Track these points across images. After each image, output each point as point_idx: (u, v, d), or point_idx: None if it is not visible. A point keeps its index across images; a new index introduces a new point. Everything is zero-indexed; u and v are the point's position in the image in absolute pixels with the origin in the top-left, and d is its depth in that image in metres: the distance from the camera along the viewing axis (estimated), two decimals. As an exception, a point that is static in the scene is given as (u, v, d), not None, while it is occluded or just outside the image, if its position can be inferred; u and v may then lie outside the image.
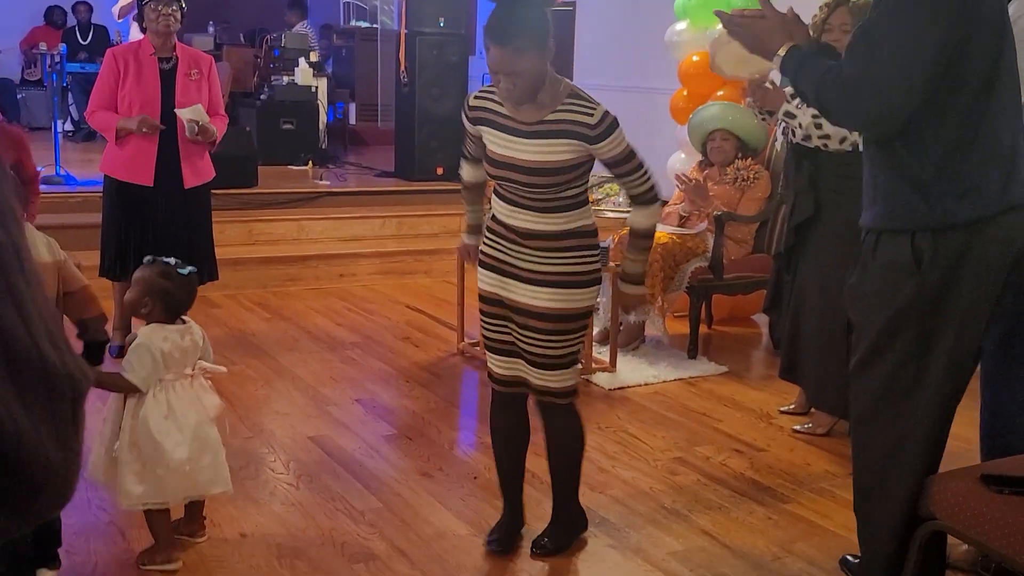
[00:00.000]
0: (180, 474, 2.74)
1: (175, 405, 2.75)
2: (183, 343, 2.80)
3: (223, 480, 2.87)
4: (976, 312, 2.29)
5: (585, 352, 4.66)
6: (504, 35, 2.55)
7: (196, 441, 2.77)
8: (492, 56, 2.57)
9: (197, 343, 2.86)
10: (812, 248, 3.75)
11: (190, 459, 2.74)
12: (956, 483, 2.26)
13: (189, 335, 2.83)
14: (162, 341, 2.75)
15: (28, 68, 10.71)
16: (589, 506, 3.32)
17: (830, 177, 3.67)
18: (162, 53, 4.45)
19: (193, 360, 2.84)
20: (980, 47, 2.19)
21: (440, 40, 7.77)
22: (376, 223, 7.05)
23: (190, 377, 2.83)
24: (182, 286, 2.81)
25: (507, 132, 2.72)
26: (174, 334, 2.79)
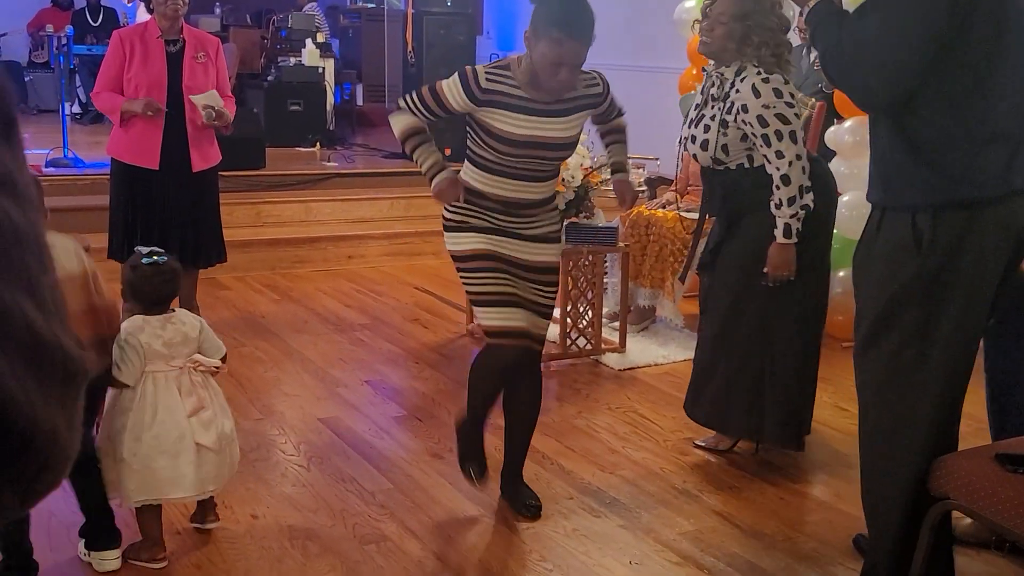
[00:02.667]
0: (132, 471, 2.63)
1: (148, 398, 2.65)
2: (165, 334, 2.68)
3: (186, 484, 2.68)
4: (978, 294, 2.28)
5: (595, 333, 4.66)
6: (585, 31, 2.73)
7: (154, 441, 2.63)
8: (567, 49, 2.71)
9: (187, 334, 2.73)
10: (720, 266, 3.44)
11: (142, 457, 2.62)
12: (970, 463, 2.25)
13: (172, 325, 2.71)
14: (140, 333, 2.65)
15: (35, 51, 10.70)
16: (600, 487, 3.32)
17: (745, 191, 3.30)
18: (169, 35, 4.42)
19: (184, 352, 2.71)
20: (980, 27, 2.17)
21: (447, 20, 7.73)
22: (384, 204, 7.03)
23: (179, 370, 2.70)
24: (144, 276, 2.69)
25: (529, 113, 2.82)
26: (153, 324, 2.68)
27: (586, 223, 4.62)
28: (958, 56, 2.19)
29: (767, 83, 3.19)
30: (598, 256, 4.65)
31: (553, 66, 2.73)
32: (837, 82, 2.39)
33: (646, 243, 4.92)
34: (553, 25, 2.71)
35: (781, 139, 3.17)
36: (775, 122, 3.17)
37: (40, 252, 0.66)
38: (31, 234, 0.66)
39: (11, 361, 0.60)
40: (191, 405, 2.69)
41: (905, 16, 2.16)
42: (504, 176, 2.88)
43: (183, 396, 2.69)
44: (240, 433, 3.64)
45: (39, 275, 0.65)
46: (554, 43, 2.70)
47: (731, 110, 3.23)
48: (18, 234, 0.64)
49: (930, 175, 2.25)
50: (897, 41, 2.17)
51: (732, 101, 3.23)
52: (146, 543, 2.76)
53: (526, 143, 2.83)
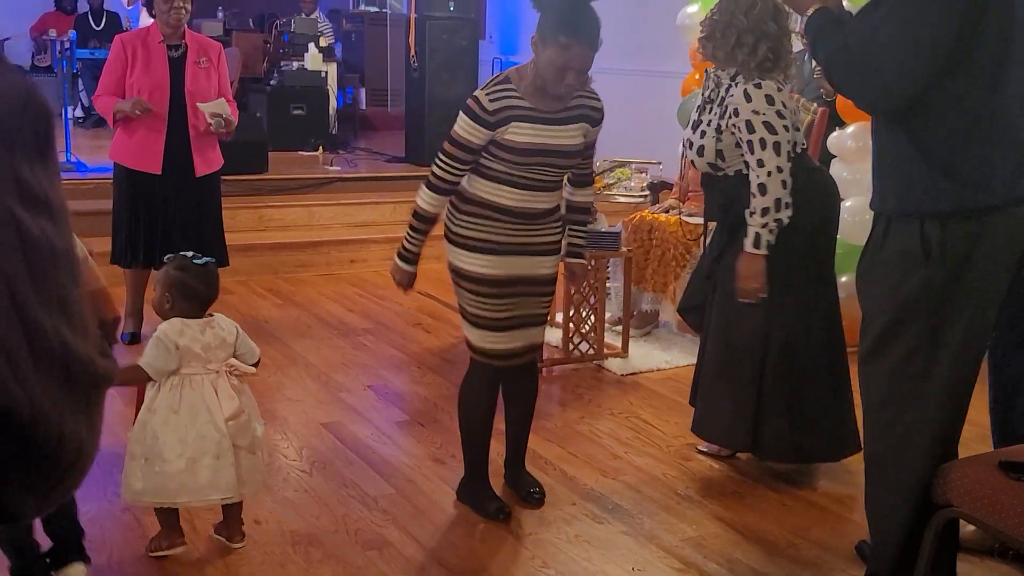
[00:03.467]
0: (178, 474, 2.66)
1: (187, 400, 2.68)
2: (204, 338, 2.72)
3: (224, 486, 2.71)
4: (985, 304, 2.27)
5: (597, 338, 4.66)
6: (592, 36, 2.79)
7: (198, 441, 2.67)
8: (576, 54, 2.75)
9: (225, 339, 2.76)
10: (723, 275, 3.37)
11: (187, 458, 2.66)
12: (974, 470, 2.24)
13: (212, 330, 2.75)
14: (178, 335, 2.69)
15: (38, 55, 10.71)
16: (602, 493, 3.32)
17: (742, 201, 3.23)
18: (171, 41, 4.43)
19: (220, 356, 2.75)
20: (990, 32, 2.17)
21: (450, 24, 7.74)
22: (387, 208, 7.03)
23: (215, 374, 2.73)
24: (198, 275, 2.76)
25: (538, 122, 2.86)
26: (193, 328, 2.72)
27: (589, 228, 4.61)
28: (968, 61, 2.18)
29: (759, 89, 3.16)
30: (601, 261, 4.64)
31: (560, 71, 2.78)
32: (842, 85, 2.35)
33: (649, 248, 4.91)
34: (560, 30, 2.75)
35: (764, 148, 3.13)
36: (761, 130, 3.13)
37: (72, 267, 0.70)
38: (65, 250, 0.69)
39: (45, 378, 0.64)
40: (230, 409, 2.71)
41: (918, 19, 2.16)
42: (513, 186, 2.91)
43: (220, 399, 2.71)
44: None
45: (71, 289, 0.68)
46: (562, 48, 2.75)
47: (725, 114, 3.22)
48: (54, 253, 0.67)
49: (939, 181, 2.24)
50: (911, 44, 2.16)
51: (727, 105, 3.22)
52: (164, 532, 2.81)
53: (535, 151, 2.86)
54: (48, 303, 0.66)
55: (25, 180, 0.67)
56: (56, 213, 0.69)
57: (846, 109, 4.82)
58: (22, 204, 0.66)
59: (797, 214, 3.18)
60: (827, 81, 2.43)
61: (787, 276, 3.23)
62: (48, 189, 0.69)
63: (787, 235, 3.18)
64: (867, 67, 2.22)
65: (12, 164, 0.67)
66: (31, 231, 0.66)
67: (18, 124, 0.69)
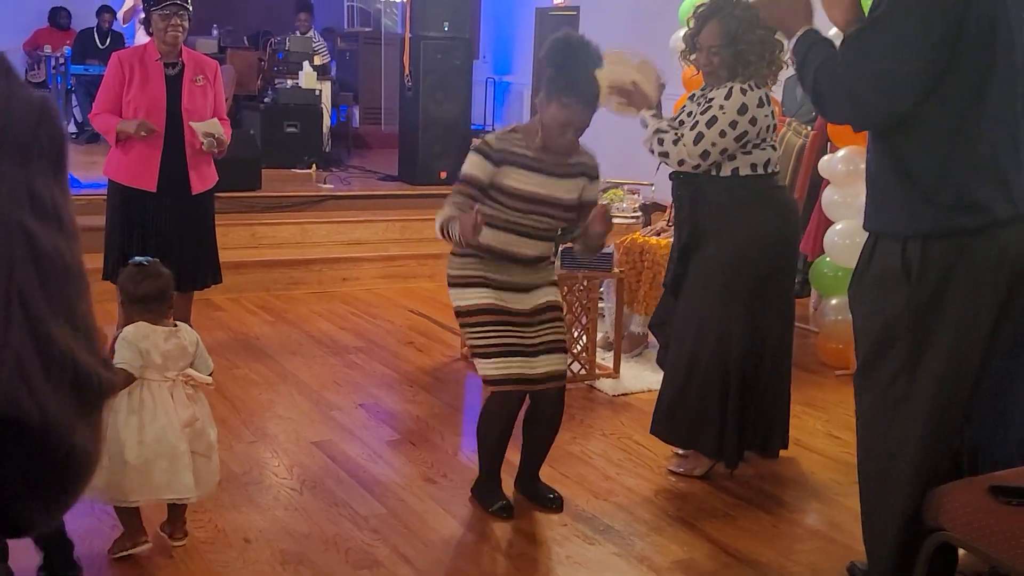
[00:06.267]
0: (135, 472, 2.73)
1: (146, 405, 2.75)
2: (165, 346, 2.79)
3: (180, 486, 2.79)
4: (969, 324, 2.28)
5: (589, 358, 4.66)
6: (591, 99, 3.06)
7: (155, 443, 2.74)
8: (575, 112, 3.03)
9: (185, 348, 2.84)
10: (689, 278, 3.48)
11: (145, 460, 2.73)
12: (964, 494, 2.25)
13: (175, 339, 2.82)
14: (142, 339, 2.76)
15: (31, 70, 10.71)
16: (594, 514, 3.32)
17: (709, 204, 3.38)
18: (168, 58, 4.44)
19: (178, 365, 2.83)
20: (971, 53, 2.19)
21: (444, 44, 7.77)
22: (379, 227, 7.05)
23: (171, 382, 2.80)
24: (126, 275, 2.84)
25: (540, 173, 3.12)
26: (157, 335, 2.79)
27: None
28: (951, 83, 2.21)
29: (743, 94, 3.27)
30: (593, 282, 4.66)
31: (562, 127, 3.06)
32: (828, 101, 2.34)
33: (640, 269, 4.93)
34: (564, 92, 3.02)
35: (710, 126, 3.27)
36: (722, 120, 3.26)
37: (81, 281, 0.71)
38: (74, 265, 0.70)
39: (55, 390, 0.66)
40: (185, 416, 2.80)
41: (902, 39, 2.18)
42: (508, 232, 3.12)
43: (177, 406, 2.80)
44: (233, 456, 3.65)
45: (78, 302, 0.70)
46: (564, 107, 3.03)
47: (705, 111, 3.31)
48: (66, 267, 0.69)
49: (920, 203, 2.26)
50: (894, 63, 2.19)
51: (709, 104, 3.32)
52: (128, 532, 2.87)
53: (533, 199, 3.10)
54: (58, 316, 0.67)
55: (39, 194, 0.68)
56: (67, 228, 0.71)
57: (837, 133, 4.86)
58: (35, 218, 0.67)
59: (759, 236, 3.35)
60: (811, 100, 2.43)
61: (743, 289, 3.37)
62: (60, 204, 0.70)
63: (746, 250, 3.34)
64: (854, 82, 2.24)
65: (26, 178, 0.68)
66: (44, 245, 0.67)
67: (33, 139, 0.69)
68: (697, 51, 3.37)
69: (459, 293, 3.19)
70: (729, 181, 3.34)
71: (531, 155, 3.11)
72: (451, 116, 7.76)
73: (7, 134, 0.68)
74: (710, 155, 3.28)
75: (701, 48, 3.34)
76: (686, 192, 3.45)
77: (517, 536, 3.15)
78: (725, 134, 3.26)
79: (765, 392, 3.48)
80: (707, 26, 3.31)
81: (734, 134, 3.27)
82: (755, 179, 3.35)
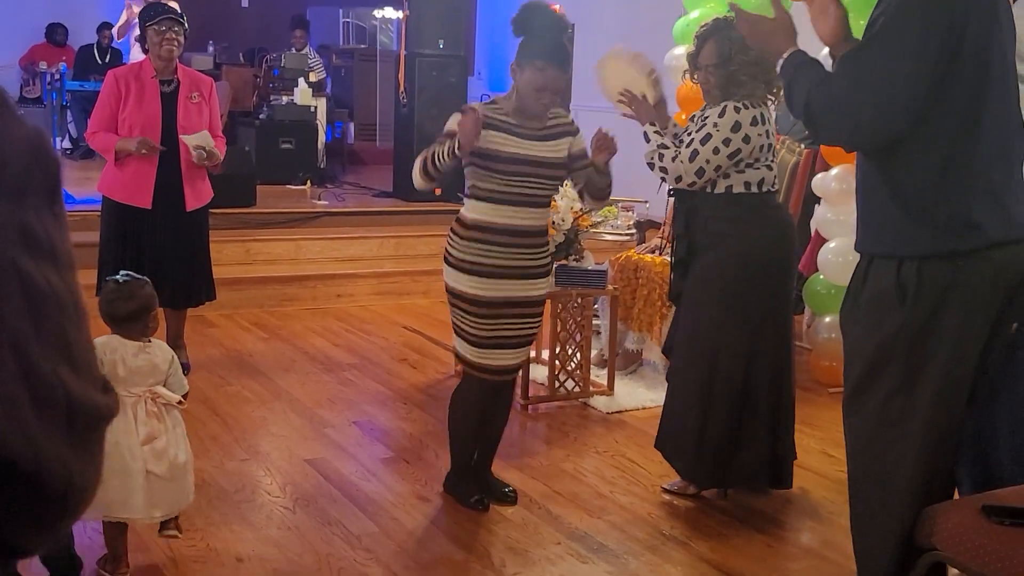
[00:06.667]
0: None
1: None
2: (134, 361, 2.75)
3: (133, 507, 2.72)
4: (964, 346, 2.28)
5: (583, 375, 4.66)
6: (564, 59, 3.19)
7: (107, 460, 2.70)
8: (549, 76, 3.13)
9: (156, 366, 2.79)
10: (684, 294, 3.54)
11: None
12: (957, 514, 2.25)
13: (145, 355, 2.77)
14: (109, 351, 2.72)
15: (27, 86, 10.72)
16: (587, 532, 3.31)
17: (704, 220, 3.43)
18: (164, 75, 4.45)
19: (148, 381, 2.77)
20: (965, 73, 2.20)
21: (440, 61, 7.80)
22: (374, 243, 7.05)
23: (136, 398, 2.74)
24: (105, 291, 2.83)
25: (522, 137, 3.20)
26: (126, 348, 2.75)
27: (576, 266, 4.64)
28: (943, 106, 2.21)
29: (737, 112, 3.31)
30: (587, 299, 4.66)
31: (538, 91, 3.15)
32: (820, 121, 2.33)
33: (635, 287, 4.93)
34: (537, 56, 3.13)
35: (705, 143, 3.31)
36: (716, 137, 3.30)
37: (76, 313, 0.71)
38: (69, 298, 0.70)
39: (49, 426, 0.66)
40: (144, 433, 2.73)
41: (896, 59, 2.19)
42: (506, 204, 3.18)
43: (137, 424, 2.73)
44: (225, 474, 3.63)
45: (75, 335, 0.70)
46: (538, 71, 3.13)
47: (700, 129, 3.36)
48: (59, 301, 0.69)
49: (915, 225, 2.26)
50: (887, 83, 2.19)
51: (704, 122, 3.37)
52: (110, 556, 2.86)
53: (518, 160, 3.17)
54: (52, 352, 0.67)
55: (32, 230, 0.68)
56: (62, 262, 0.71)
57: (830, 151, 4.88)
58: (28, 254, 0.67)
59: (752, 253, 3.38)
60: (803, 121, 2.43)
61: (742, 309, 3.39)
62: (55, 238, 0.70)
63: (737, 266, 3.37)
64: (851, 101, 2.24)
65: (19, 214, 0.68)
66: (36, 281, 0.67)
67: (27, 174, 0.70)
68: (697, 71, 3.46)
69: (456, 276, 3.25)
70: (723, 198, 3.38)
71: (512, 121, 3.21)
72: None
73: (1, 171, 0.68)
74: (705, 172, 3.33)
75: (700, 68, 3.43)
76: (683, 207, 3.51)
77: (510, 555, 3.14)
78: (719, 151, 3.30)
79: (760, 419, 3.44)
80: (705, 46, 3.41)
81: (727, 151, 3.30)
82: (749, 197, 3.38)
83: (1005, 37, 2.29)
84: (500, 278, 3.21)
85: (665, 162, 3.40)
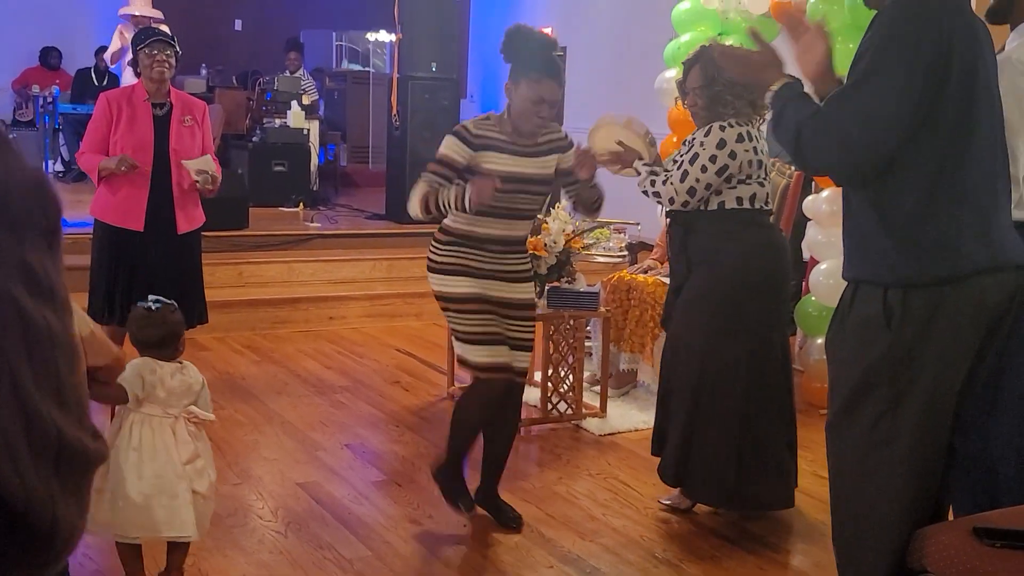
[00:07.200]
0: (135, 508, 2.71)
1: (146, 440, 2.73)
2: (171, 382, 2.78)
3: (180, 524, 2.74)
4: (949, 372, 2.29)
5: (576, 397, 4.66)
6: (558, 71, 3.24)
7: (155, 479, 2.72)
8: (545, 87, 3.18)
9: (191, 386, 2.83)
10: (676, 308, 3.58)
11: (145, 496, 2.70)
12: (948, 536, 2.25)
13: (180, 376, 2.82)
14: (149, 372, 2.75)
15: (19, 109, 10.74)
16: (580, 555, 3.30)
17: (698, 236, 3.48)
18: (156, 98, 4.46)
19: (183, 403, 2.81)
20: (952, 100, 2.22)
21: (432, 84, 7.83)
22: (366, 265, 7.05)
23: (174, 418, 2.78)
24: (133, 318, 2.85)
25: (515, 154, 3.27)
26: (164, 370, 2.78)
27: (568, 288, 4.65)
28: (931, 132, 2.23)
29: (722, 131, 3.39)
30: (579, 320, 4.67)
31: (535, 104, 3.20)
32: (811, 153, 2.32)
33: (627, 308, 4.94)
34: (532, 68, 3.18)
35: (693, 163, 3.37)
36: (703, 156, 3.36)
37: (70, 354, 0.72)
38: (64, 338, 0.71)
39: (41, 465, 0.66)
40: (187, 453, 2.77)
41: (885, 87, 2.21)
42: (491, 216, 3.24)
43: (178, 443, 2.77)
44: (218, 498, 3.61)
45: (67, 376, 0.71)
46: (533, 83, 3.18)
47: (688, 150, 3.44)
48: (54, 341, 0.70)
49: (901, 251, 2.27)
50: (876, 112, 2.21)
51: (691, 144, 3.45)
52: (128, 574, 2.82)
53: (514, 179, 3.22)
54: (46, 391, 0.68)
55: (32, 269, 0.69)
56: (59, 301, 0.72)
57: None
58: (28, 292, 0.68)
59: (745, 269, 3.42)
60: (792, 153, 2.42)
61: (733, 328, 3.42)
62: (53, 277, 0.71)
63: (730, 283, 3.42)
64: (841, 128, 2.25)
65: (21, 253, 0.69)
66: (35, 319, 0.68)
67: (29, 214, 0.71)
68: (686, 95, 3.56)
69: (442, 280, 3.32)
70: (716, 215, 3.44)
71: (505, 138, 3.26)
72: (439, 155, 7.80)
73: (4, 210, 0.69)
74: (696, 191, 3.39)
75: (688, 92, 3.53)
76: (679, 227, 3.55)
77: (503, 578, 3.12)
78: (706, 169, 3.36)
79: (751, 438, 3.45)
80: (691, 71, 3.51)
81: (715, 168, 3.37)
82: (741, 212, 3.44)
83: (988, 66, 2.31)
84: (483, 278, 3.29)
85: (657, 187, 3.46)
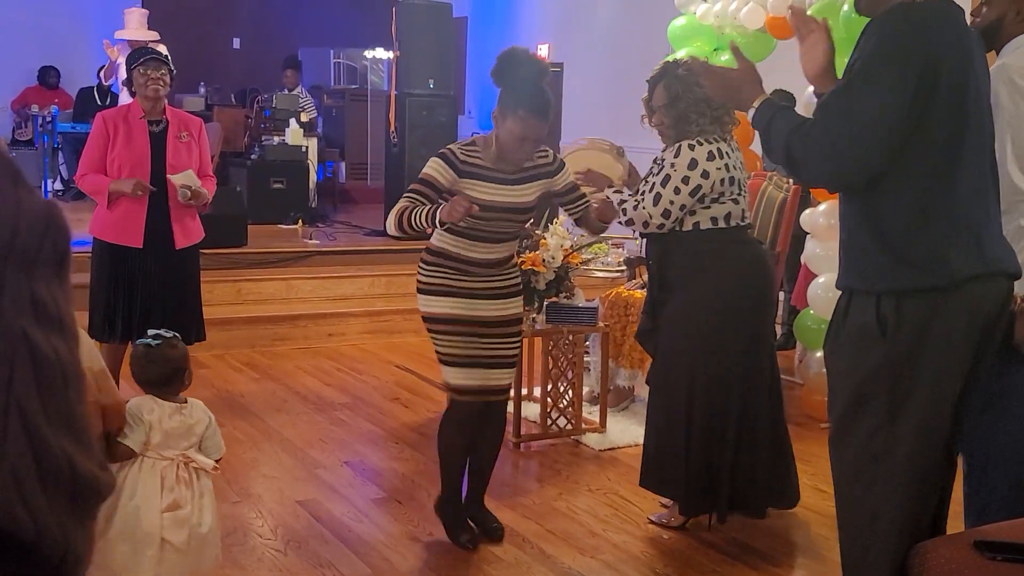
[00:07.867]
0: (96, 550, 2.56)
1: (129, 482, 2.57)
2: (169, 423, 2.62)
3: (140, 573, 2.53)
4: (944, 380, 2.29)
5: (575, 412, 4.65)
6: (547, 111, 3.21)
7: (121, 524, 2.53)
8: (531, 126, 3.15)
9: (191, 428, 2.66)
10: (661, 332, 3.58)
11: (105, 540, 2.50)
12: (949, 550, 2.24)
13: (179, 416, 2.64)
14: (147, 412, 2.60)
15: (19, 128, 10.76)
16: (581, 571, 3.29)
17: (675, 258, 3.48)
18: (152, 116, 4.47)
19: (182, 445, 2.64)
20: (943, 108, 2.23)
21: (430, 101, 7.86)
22: (365, 282, 7.05)
23: (168, 462, 2.60)
24: (134, 356, 2.70)
25: (497, 182, 3.25)
26: (162, 411, 2.62)
27: (566, 303, 4.65)
28: (923, 142, 2.24)
29: (691, 150, 3.36)
30: (578, 336, 4.67)
31: (519, 140, 3.18)
32: (800, 164, 2.34)
33: (626, 323, 4.94)
34: (519, 105, 3.15)
35: (665, 185, 3.36)
36: (674, 177, 3.34)
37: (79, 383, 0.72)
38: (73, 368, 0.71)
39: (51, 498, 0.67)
40: (168, 501, 2.58)
41: (874, 95, 2.22)
42: (472, 239, 3.26)
43: (164, 489, 2.59)
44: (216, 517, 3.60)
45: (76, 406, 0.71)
46: (519, 120, 3.15)
47: (659, 172, 3.43)
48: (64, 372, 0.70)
49: (894, 262, 2.28)
50: (865, 120, 2.22)
51: (662, 165, 3.43)
52: None
53: (495, 208, 3.23)
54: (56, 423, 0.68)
55: (41, 300, 0.69)
56: (68, 332, 0.72)
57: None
58: (37, 324, 0.68)
59: (730, 285, 3.41)
60: (784, 166, 2.44)
61: (717, 344, 3.42)
62: (62, 306, 0.72)
63: (715, 306, 3.40)
64: (833, 138, 2.26)
65: (30, 285, 0.69)
66: (44, 351, 0.68)
67: (39, 245, 0.71)
68: (652, 113, 3.53)
69: (427, 300, 3.33)
70: (691, 235, 3.43)
71: (490, 166, 3.25)
72: (436, 172, 7.82)
73: (15, 242, 0.70)
74: (671, 213, 3.37)
75: (654, 111, 3.50)
76: (655, 250, 3.55)
77: (503, 595, 3.11)
78: (679, 190, 3.35)
79: (742, 449, 3.47)
80: (656, 89, 3.48)
81: (688, 189, 3.34)
82: (717, 232, 3.42)
83: (980, 77, 2.32)
84: (469, 298, 3.28)
85: (630, 213, 3.44)
